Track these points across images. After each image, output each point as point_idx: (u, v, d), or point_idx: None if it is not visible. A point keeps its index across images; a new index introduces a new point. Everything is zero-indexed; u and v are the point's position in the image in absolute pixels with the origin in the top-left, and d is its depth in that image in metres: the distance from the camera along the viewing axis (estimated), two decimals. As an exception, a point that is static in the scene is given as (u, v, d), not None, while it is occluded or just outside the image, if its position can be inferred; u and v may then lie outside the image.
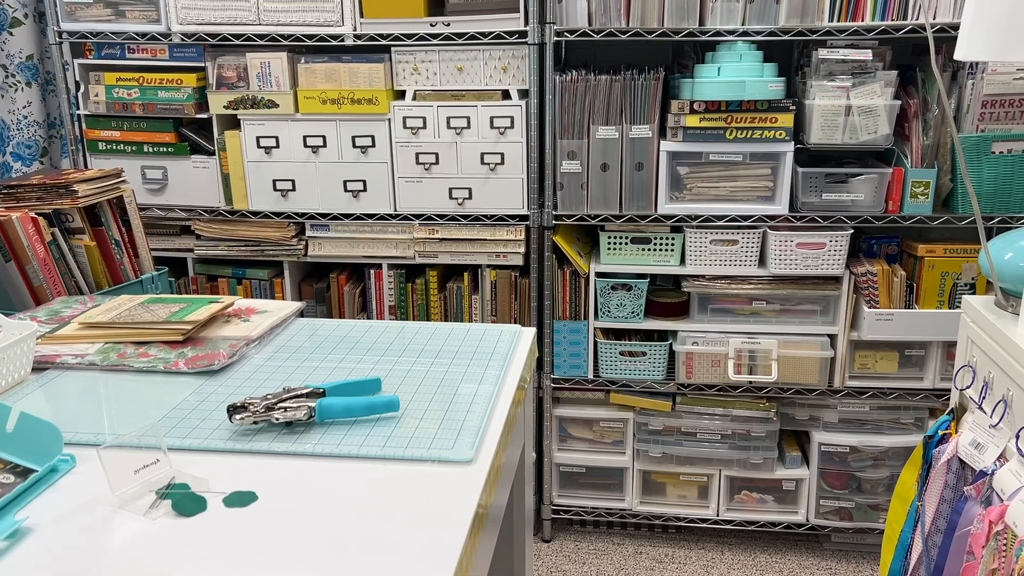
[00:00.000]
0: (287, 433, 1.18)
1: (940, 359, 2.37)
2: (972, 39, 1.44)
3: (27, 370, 1.35)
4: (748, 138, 2.29)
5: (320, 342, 1.50)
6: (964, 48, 1.46)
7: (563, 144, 2.35)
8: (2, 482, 1.03)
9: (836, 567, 2.50)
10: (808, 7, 2.21)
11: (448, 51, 2.35)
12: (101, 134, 2.50)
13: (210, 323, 1.52)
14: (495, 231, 2.43)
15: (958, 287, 2.32)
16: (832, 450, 2.47)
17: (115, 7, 2.39)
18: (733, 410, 2.49)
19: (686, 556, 2.56)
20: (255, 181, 2.47)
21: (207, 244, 2.55)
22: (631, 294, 2.44)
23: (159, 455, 1.07)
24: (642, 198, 2.37)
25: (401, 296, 2.53)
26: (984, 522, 1.34)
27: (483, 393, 1.29)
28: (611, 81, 2.30)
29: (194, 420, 1.21)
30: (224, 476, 1.08)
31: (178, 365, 1.37)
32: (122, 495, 1.02)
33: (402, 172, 2.42)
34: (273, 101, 2.40)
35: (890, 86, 2.22)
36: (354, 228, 2.48)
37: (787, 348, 2.39)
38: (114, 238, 2.16)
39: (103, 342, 1.45)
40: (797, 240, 2.32)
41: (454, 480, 1.07)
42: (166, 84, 2.43)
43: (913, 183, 2.27)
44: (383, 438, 1.16)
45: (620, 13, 2.27)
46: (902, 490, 1.74)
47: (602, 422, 2.57)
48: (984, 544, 1.34)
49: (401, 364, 1.41)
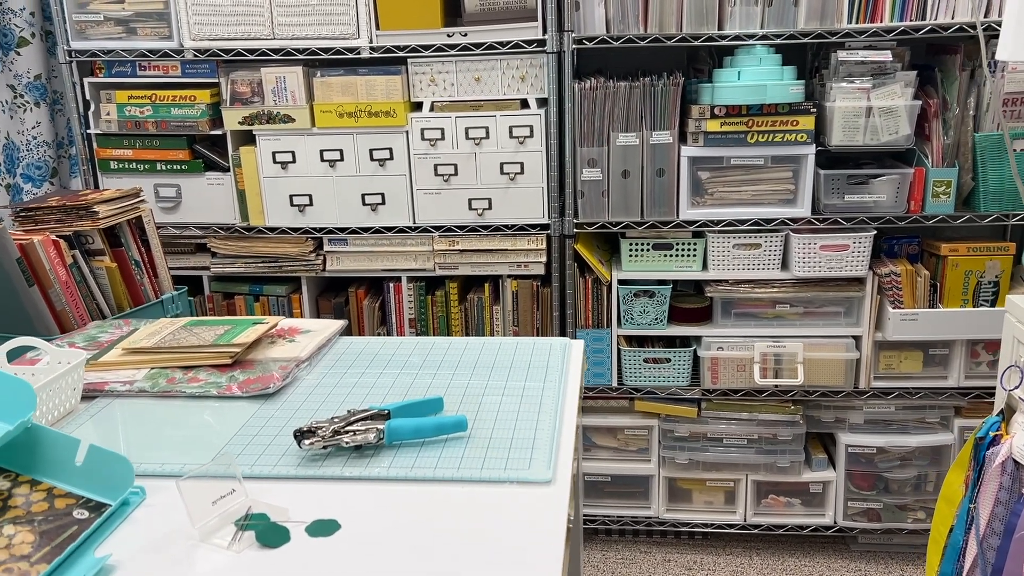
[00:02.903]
0: (357, 457, 1.15)
1: (964, 357, 2.38)
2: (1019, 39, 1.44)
3: (77, 399, 1.32)
4: (769, 141, 2.28)
5: (369, 361, 1.48)
6: (1010, 48, 1.46)
7: (583, 152, 2.34)
8: (77, 518, 1.00)
9: (865, 568, 2.50)
10: (827, 9, 2.21)
11: (465, 61, 2.33)
12: (113, 153, 2.46)
13: (256, 345, 1.50)
14: (516, 241, 2.41)
15: (982, 285, 2.32)
16: (859, 451, 2.47)
17: (126, 24, 2.35)
18: (759, 414, 2.49)
19: (714, 562, 2.55)
20: (271, 197, 2.44)
21: (223, 261, 2.52)
22: (654, 300, 2.43)
23: (235, 484, 1.04)
24: (663, 204, 2.36)
25: (421, 309, 2.51)
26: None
27: (547, 409, 1.28)
28: (630, 88, 2.29)
29: (259, 446, 1.19)
30: (301, 504, 1.06)
31: (231, 389, 1.34)
32: (203, 527, 0.99)
33: (421, 184, 2.39)
34: (289, 116, 2.37)
35: (910, 86, 2.23)
36: (372, 242, 2.46)
37: (812, 351, 2.39)
38: (134, 259, 2.12)
39: (150, 367, 1.42)
40: (820, 242, 2.32)
41: (536, 500, 1.05)
42: (179, 101, 2.39)
43: (935, 183, 2.27)
44: (456, 459, 1.14)
45: (638, 19, 2.27)
46: (948, 492, 1.74)
47: (627, 430, 2.56)
48: (1050, 545, 1.33)
49: (457, 381, 1.38)
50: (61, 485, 1.05)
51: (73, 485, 1.05)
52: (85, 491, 1.05)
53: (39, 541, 0.95)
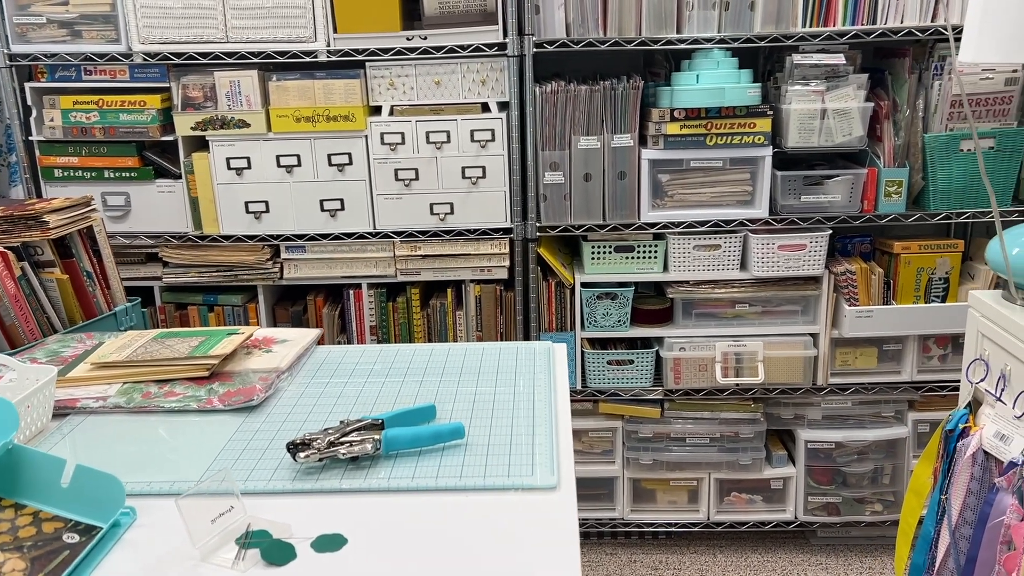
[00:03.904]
0: (354, 468, 1.12)
1: (917, 352, 2.44)
2: (981, 42, 1.48)
3: (48, 418, 1.26)
4: (728, 144, 2.31)
5: (351, 369, 1.45)
6: (972, 50, 1.50)
7: (545, 155, 2.34)
8: (68, 542, 0.95)
9: (826, 562, 2.54)
10: (782, 13, 2.25)
11: (425, 65, 2.30)
12: (57, 160, 2.36)
13: (232, 356, 1.45)
14: (478, 245, 2.40)
15: (933, 282, 2.39)
16: (817, 447, 2.52)
17: (70, 27, 2.26)
18: (721, 413, 2.51)
19: (680, 561, 2.57)
20: (226, 204, 2.37)
21: (176, 271, 2.44)
22: (616, 303, 2.43)
23: (233, 501, 1.00)
24: (624, 207, 2.37)
25: (382, 316, 2.47)
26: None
27: (542, 413, 1.26)
28: (591, 91, 2.29)
29: (250, 460, 1.15)
30: (301, 519, 1.03)
31: (212, 403, 1.30)
32: (204, 547, 0.95)
33: (381, 189, 2.36)
34: (244, 121, 2.31)
35: (862, 89, 2.28)
36: (332, 248, 2.41)
37: (772, 349, 2.42)
38: (86, 270, 2.04)
39: (122, 382, 1.36)
40: (778, 242, 2.35)
41: (544, 506, 1.04)
42: (128, 106, 2.31)
43: (887, 182, 2.33)
44: (456, 468, 1.12)
45: (598, 23, 2.27)
46: (917, 484, 1.78)
47: (591, 432, 2.56)
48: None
49: (445, 388, 1.36)
50: (48, 508, 0.99)
51: (60, 508, 1.00)
52: (73, 514, 1.00)
53: (31, 568, 0.90)
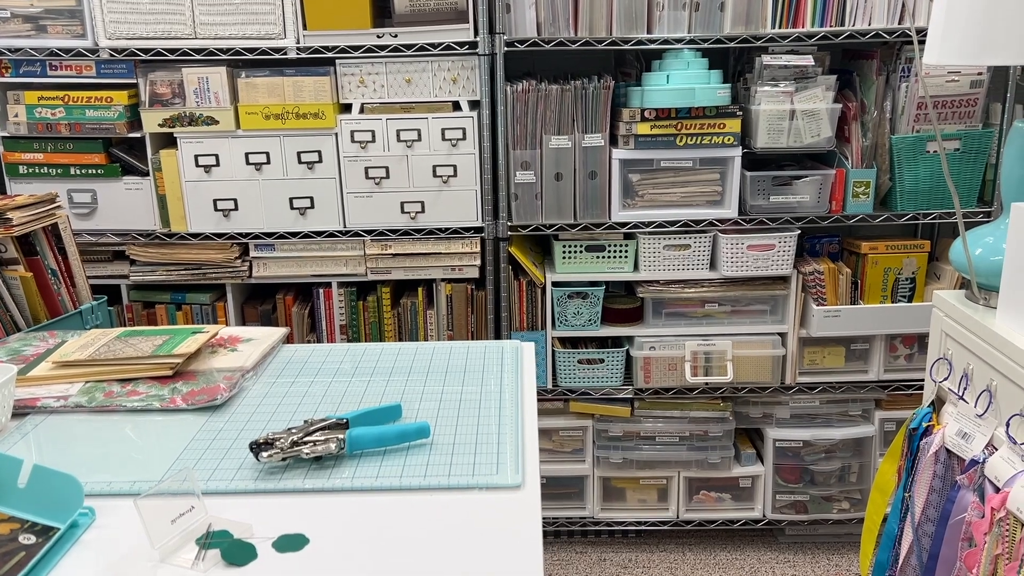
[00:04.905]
0: (317, 468, 1.12)
1: (884, 352, 2.46)
2: (945, 44, 1.49)
3: (7, 417, 1.24)
4: (698, 144, 2.32)
5: (317, 369, 1.44)
6: (936, 52, 1.52)
7: (516, 154, 2.34)
8: (24, 543, 0.94)
9: (793, 559, 2.56)
10: (752, 14, 2.26)
11: (396, 63, 2.30)
12: (22, 156, 2.33)
13: (196, 355, 1.44)
14: (450, 244, 2.39)
15: (900, 282, 2.42)
16: (785, 445, 2.54)
17: (35, 22, 2.23)
18: (690, 412, 2.53)
19: (649, 559, 2.58)
20: (194, 201, 2.35)
21: (143, 269, 2.42)
22: (587, 302, 2.44)
23: (194, 501, 0.99)
24: (595, 206, 2.37)
25: (352, 315, 2.46)
26: (986, 509, 1.39)
27: (508, 413, 1.26)
28: (562, 91, 2.29)
29: (212, 460, 1.14)
30: (263, 519, 1.02)
31: (175, 402, 1.29)
32: (163, 548, 0.94)
33: (351, 187, 2.35)
34: (212, 118, 2.29)
35: (830, 90, 2.30)
36: (301, 247, 2.40)
37: (741, 348, 2.44)
38: (50, 267, 2.02)
39: (84, 381, 1.35)
40: (748, 242, 2.37)
41: (508, 505, 1.04)
42: (94, 102, 2.29)
43: (855, 183, 2.35)
44: (421, 467, 1.12)
45: (569, 22, 2.28)
46: (881, 482, 1.80)
47: (561, 431, 2.57)
48: (987, 531, 1.39)
49: (412, 387, 1.36)
50: (3, 509, 0.98)
51: (16, 508, 0.99)
52: (30, 514, 0.98)
53: (-15, 570, 0.89)
